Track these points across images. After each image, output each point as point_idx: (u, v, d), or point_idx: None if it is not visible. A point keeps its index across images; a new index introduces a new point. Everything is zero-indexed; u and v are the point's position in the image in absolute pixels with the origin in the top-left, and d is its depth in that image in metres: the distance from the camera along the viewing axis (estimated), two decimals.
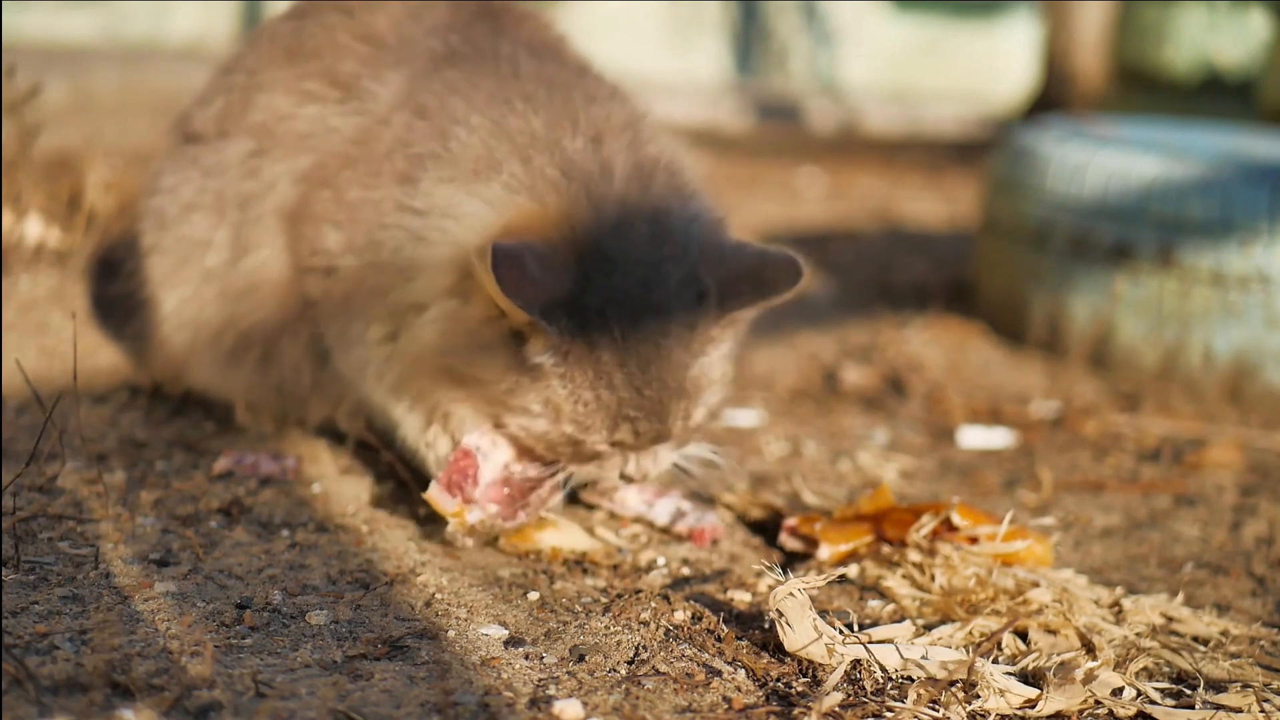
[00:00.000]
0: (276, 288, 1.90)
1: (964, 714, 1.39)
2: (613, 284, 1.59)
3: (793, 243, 1.94)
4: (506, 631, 1.50)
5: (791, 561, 1.80)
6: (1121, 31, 6.27)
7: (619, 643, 1.49)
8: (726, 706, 1.37)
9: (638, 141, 1.73)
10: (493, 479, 1.70)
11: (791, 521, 1.82)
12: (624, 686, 1.39)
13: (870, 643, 1.49)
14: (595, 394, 1.59)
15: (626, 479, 1.70)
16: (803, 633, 1.47)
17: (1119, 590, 1.70)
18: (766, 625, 1.53)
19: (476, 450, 1.70)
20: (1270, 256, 2.65)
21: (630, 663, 1.45)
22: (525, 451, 1.71)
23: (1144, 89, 6.00)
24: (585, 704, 1.34)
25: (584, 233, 1.61)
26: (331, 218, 1.81)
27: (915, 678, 1.46)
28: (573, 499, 1.87)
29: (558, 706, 1.32)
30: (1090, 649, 1.54)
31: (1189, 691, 1.48)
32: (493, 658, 1.44)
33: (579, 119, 1.73)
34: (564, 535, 1.75)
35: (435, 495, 1.68)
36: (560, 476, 1.71)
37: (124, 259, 2.19)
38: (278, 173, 1.89)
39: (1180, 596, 1.70)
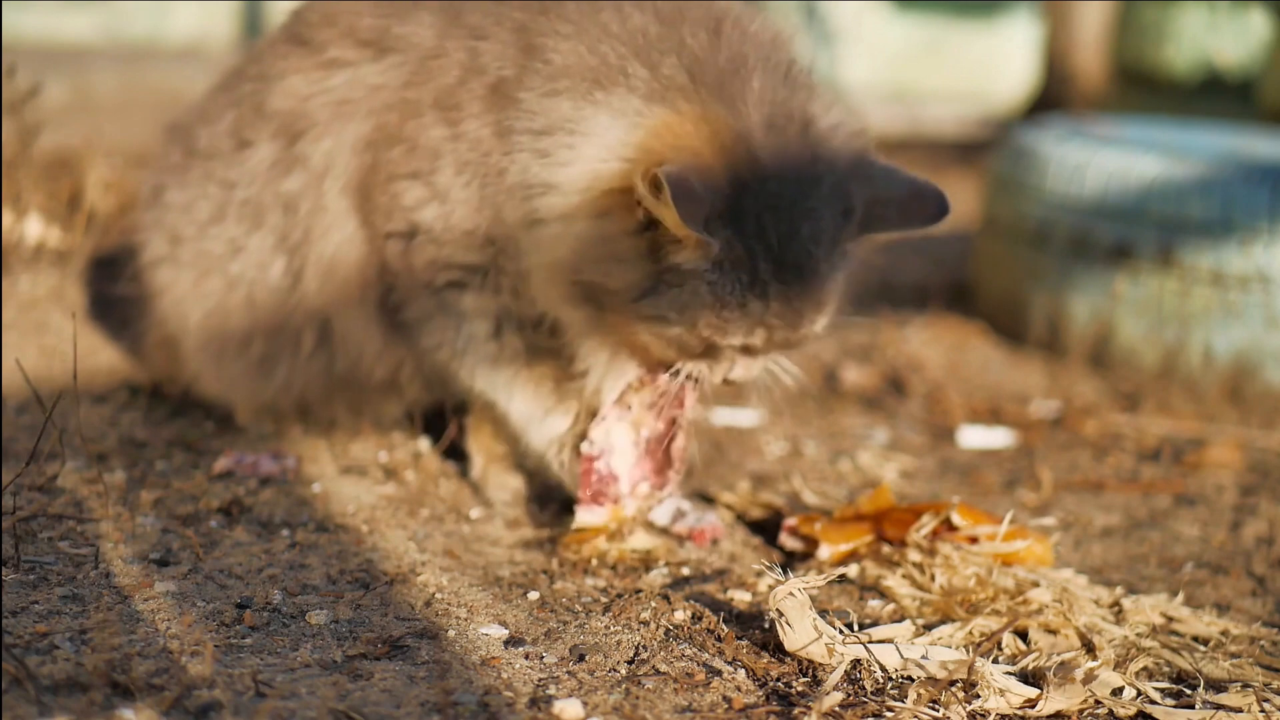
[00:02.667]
0: (353, 271, 1.84)
1: (964, 714, 1.39)
2: (767, 190, 1.56)
3: None
4: (506, 631, 1.50)
5: (791, 561, 1.80)
6: (1121, 31, 6.26)
7: (619, 642, 1.49)
8: (726, 706, 1.37)
9: (760, 32, 1.68)
10: (631, 463, 1.73)
11: (791, 521, 1.82)
12: (624, 686, 1.39)
13: (870, 642, 1.49)
14: (744, 301, 1.58)
15: (727, 382, 1.70)
16: (803, 632, 1.47)
17: (1119, 590, 1.70)
18: (766, 625, 1.53)
19: (599, 451, 1.73)
20: (1270, 256, 2.65)
21: (630, 662, 1.45)
22: (638, 354, 1.69)
23: (1144, 89, 5.99)
24: (585, 703, 1.34)
25: (731, 139, 1.56)
26: (408, 170, 1.74)
27: (915, 677, 1.46)
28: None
29: (558, 706, 1.32)
30: (1090, 649, 1.54)
31: (1189, 691, 1.48)
32: (493, 657, 1.44)
33: (687, 6, 1.67)
34: (596, 513, 1.74)
35: (585, 519, 1.73)
36: (677, 381, 1.70)
37: (122, 260, 2.18)
38: (329, 150, 1.82)
39: (1180, 596, 1.70)
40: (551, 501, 1.90)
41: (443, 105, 1.73)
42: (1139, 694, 1.46)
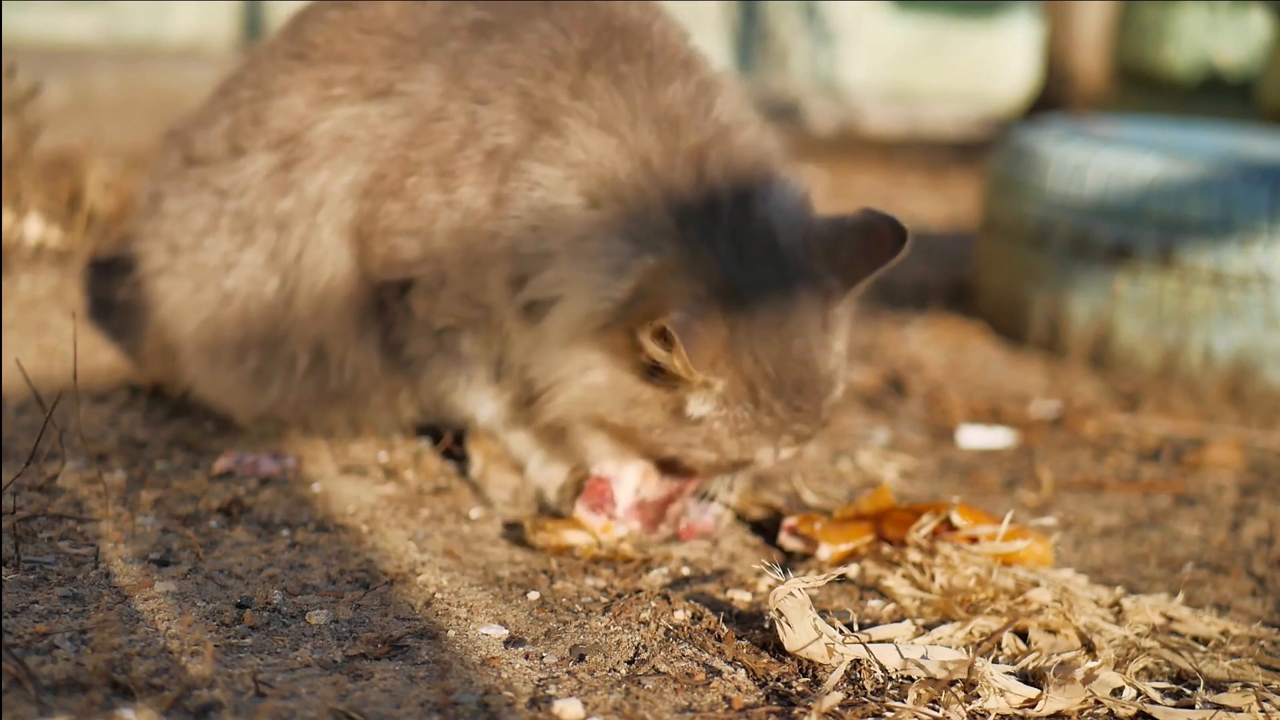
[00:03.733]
0: (344, 302, 1.85)
1: (964, 714, 1.39)
2: (753, 317, 1.62)
3: None
4: (506, 631, 1.50)
5: (791, 561, 1.80)
6: (1121, 31, 6.27)
7: (619, 642, 1.49)
8: (726, 706, 1.37)
9: (713, 130, 1.71)
10: (630, 503, 1.80)
11: (791, 521, 1.82)
12: (624, 686, 1.39)
13: (870, 642, 1.49)
14: (757, 424, 1.66)
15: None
16: (803, 632, 1.47)
17: (1119, 590, 1.70)
18: (766, 625, 1.53)
19: (610, 477, 1.78)
20: (1270, 256, 2.65)
21: (630, 662, 1.45)
22: (664, 467, 1.78)
23: (1144, 89, 5.99)
24: (585, 703, 1.34)
25: (707, 272, 1.62)
26: (405, 228, 1.77)
27: (915, 677, 1.46)
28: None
29: (558, 706, 1.32)
30: (1090, 649, 1.54)
31: (1189, 691, 1.48)
32: (493, 657, 1.44)
33: (644, 112, 1.69)
34: (584, 534, 1.76)
35: (583, 515, 1.76)
36: (692, 486, 1.81)
37: (122, 267, 2.18)
38: (323, 183, 1.82)
39: (1180, 596, 1.70)
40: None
41: (442, 171, 1.75)
42: (1139, 694, 1.46)
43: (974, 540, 1.73)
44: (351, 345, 1.88)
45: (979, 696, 1.42)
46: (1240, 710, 1.42)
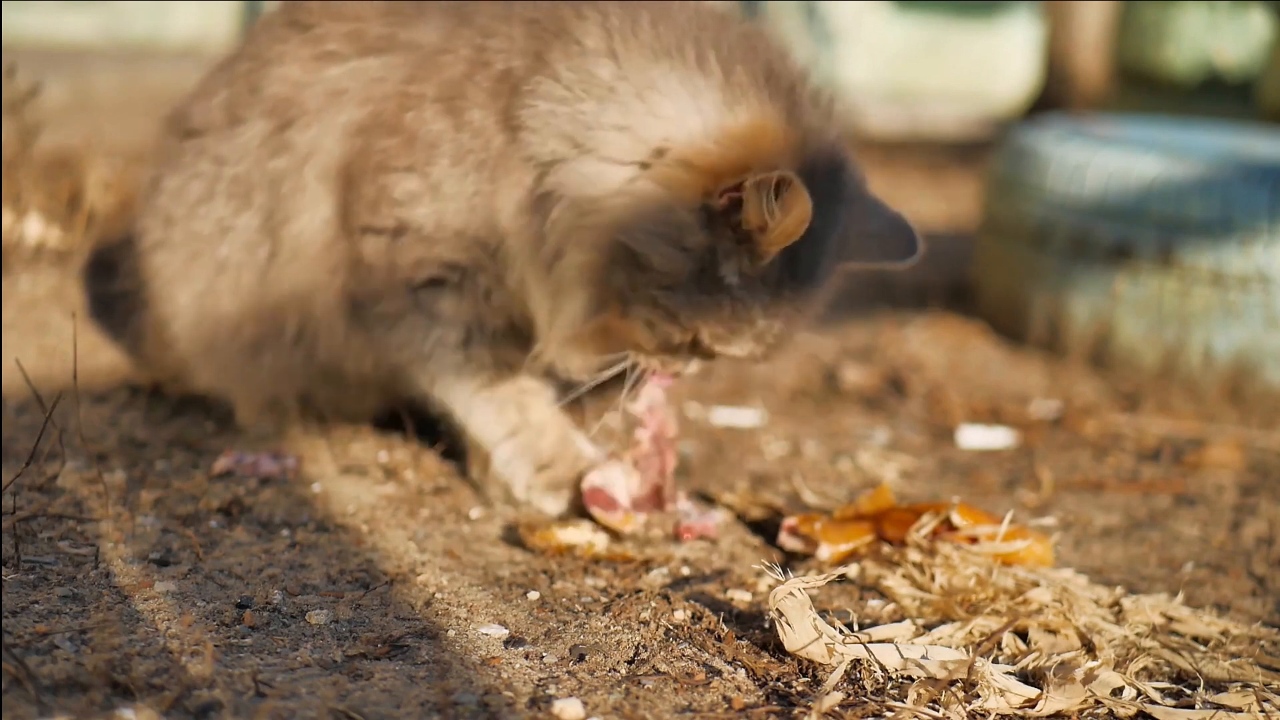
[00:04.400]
0: (319, 254, 1.83)
1: (964, 714, 1.39)
2: (812, 225, 1.56)
3: None
4: (506, 631, 1.50)
5: (791, 561, 1.80)
6: (1121, 31, 6.26)
7: (619, 642, 1.49)
8: (726, 706, 1.37)
9: (784, 49, 1.71)
10: (632, 496, 1.82)
11: (791, 521, 1.82)
12: (624, 686, 1.39)
13: (870, 642, 1.49)
14: (756, 320, 1.62)
15: (673, 374, 1.74)
16: (803, 632, 1.47)
17: (1119, 590, 1.70)
18: (766, 625, 1.53)
19: (602, 485, 1.80)
20: (1270, 256, 2.65)
21: (630, 662, 1.45)
22: (607, 341, 1.71)
23: (1144, 89, 5.98)
24: (585, 703, 1.34)
25: (794, 158, 1.58)
26: (402, 163, 1.73)
27: (915, 677, 1.46)
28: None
29: (558, 706, 1.32)
30: (1090, 649, 1.54)
31: (1189, 691, 1.48)
32: (493, 657, 1.44)
33: (725, 30, 1.67)
34: (583, 533, 1.76)
35: (601, 515, 1.79)
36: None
37: (122, 259, 2.18)
38: (315, 136, 1.81)
39: (1180, 596, 1.70)
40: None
41: (450, 95, 1.72)
42: (1139, 694, 1.46)
43: (974, 540, 1.73)
44: (318, 303, 1.87)
45: (979, 696, 1.42)
46: (1240, 710, 1.42)
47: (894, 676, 1.46)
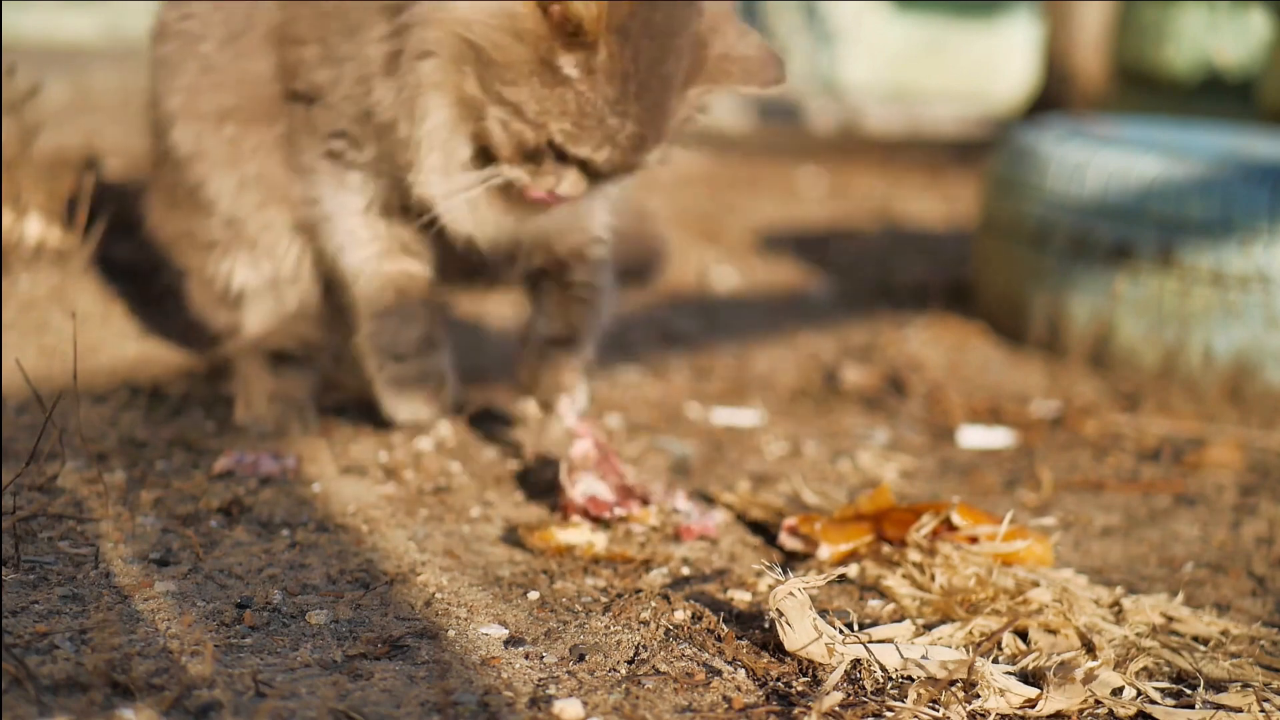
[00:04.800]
0: (262, 92, 1.93)
1: (964, 714, 1.39)
2: (652, 19, 1.67)
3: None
4: (506, 631, 1.51)
5: (791, 561, 1.80)
6: (1121, 31, 6.26)
7: (619, 642, 1.49)
8: (726, 706, 1.38)
9: None
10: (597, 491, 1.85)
11: (791, 521, 1.82)
12: (624, 686, 1.39)
13: (870, 642, 1.49)
14: (603, 116, 1.68)
15: (554, 197, 1.77)
16: (803, 632, 1.47)
17: (1119, 590, 1.70)
18: (766, 625, 1.53)
19: (594, 492, 1.83)
20: (1270, 256, 2.65)
21: (630, 662, 1.45)
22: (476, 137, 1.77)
23: (1144, 89, 5.98)
24: (585, 703, 1.34)
25: None
26: (312, 35, 1.85)
27: (915, 677, 1.46)
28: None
29: (558, 706, 1.32)
30: (1090, 649, 1.54)
31: (1189, 691, 1.48)
32: (493, 657, 1.44)
33: None
34: (582, 533, 1.77)
35: (621, 511, 1.82)
36: (493, 181, 1.79)
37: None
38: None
39: (1180, 596, 1.70)
40: (547, 497, 1.90)
41: None
42: (1139, 694, 1.46)
43: (974, 540, 1.73)
44: (266, 132, 1.96)
45: (979, 696, 1.42)
46: (1240, 710, 1.42)
47: (894, 676, 1.46)
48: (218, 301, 2.11)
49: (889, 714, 1.38)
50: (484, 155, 1.78)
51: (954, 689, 1.43)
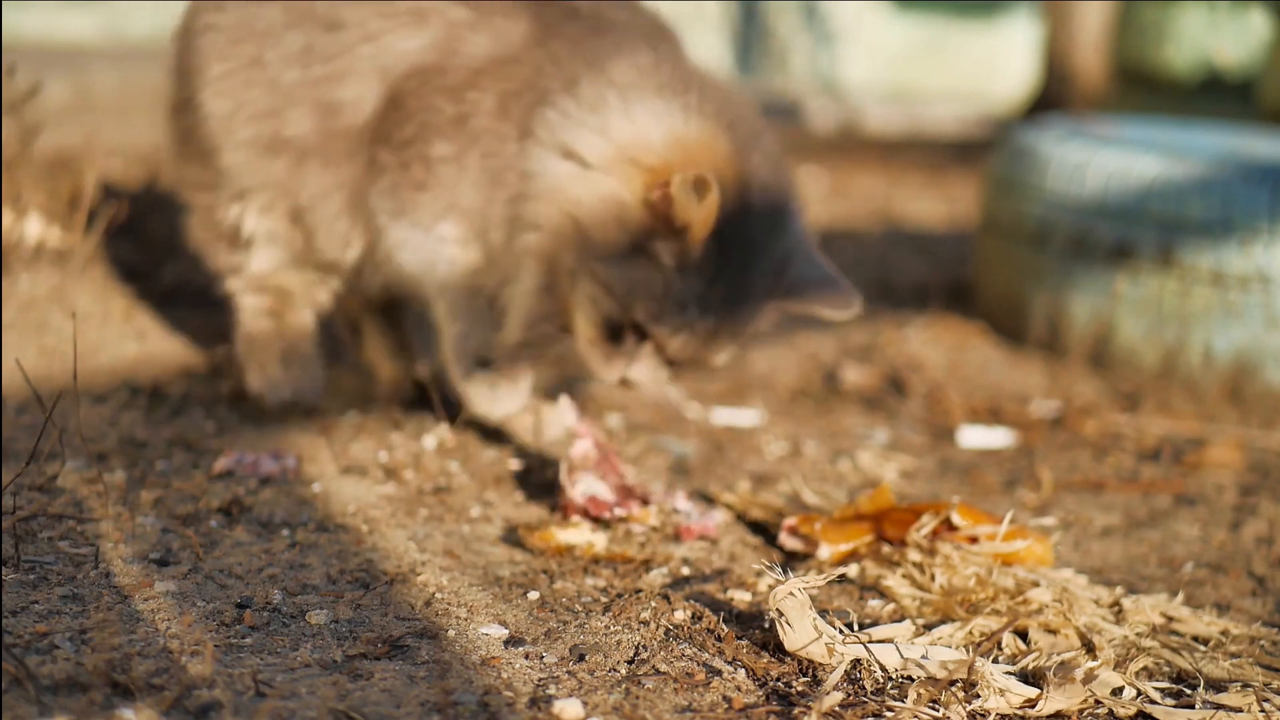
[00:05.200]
0: (349, 128, 1.98)
1: (964, 714, 1.39)
2: (743, 232, 1.83)
3: None
4: (506, 631, 1.51)
5: (791, 561, 1.80)
6: (1121, 31, 6.26)
7: (619, 642, 1.49)
8: (726, 706, 1.38)
9: (751, 111, 1.94)
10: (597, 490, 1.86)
11: (791, 521, 1.82)
12: (624, 686, 1.39)
13: (870, 642, 1.49)
14: (686, 306, 1.81)
15: (623, 383, 1.89)
16: (803, 632, 1.47)
17: (1119, 590, 1.70)
18: (766, 625, 1.53)
19: (594, 493, 1.85)
20: (1270, 256, 2.65)
21: (630, 662, 1.45)
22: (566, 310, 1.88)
23: (1144, 89, 5.98)
24: (585, 703, 1.34)
25: (745, 181, 1.84)
26: (447, 133, 1.92)
27: (915, 677, 1.46)
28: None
29: (558, 706, 1.32)
30: (1090, 649, 1.54)
31: (1189, 691, 1.48)
32: (493, 657, 1.44)
33: (711, 83, 1.94)
34: (582, 533, 1.77)
35: (620, 512, 1.83)
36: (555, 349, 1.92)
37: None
38: (388, 38, 1.96)
39: (1180, 596, 1.70)
40: (547, 497, 1.90)
41: (505, 93, 1.92)
42: (1139, 694, 1.46)
43: (974, 540, 1.73)
44: (341, 168, 2.01)
45: (979, 696, 1.42)
46: (1240, 710, 1.42)
47: (894, 676, 1.46)
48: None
49: (889, 714, 1.38)
50: (557, 318, 1.89)
51: (954, 689, 1.43)
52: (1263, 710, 1.43)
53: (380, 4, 1.98)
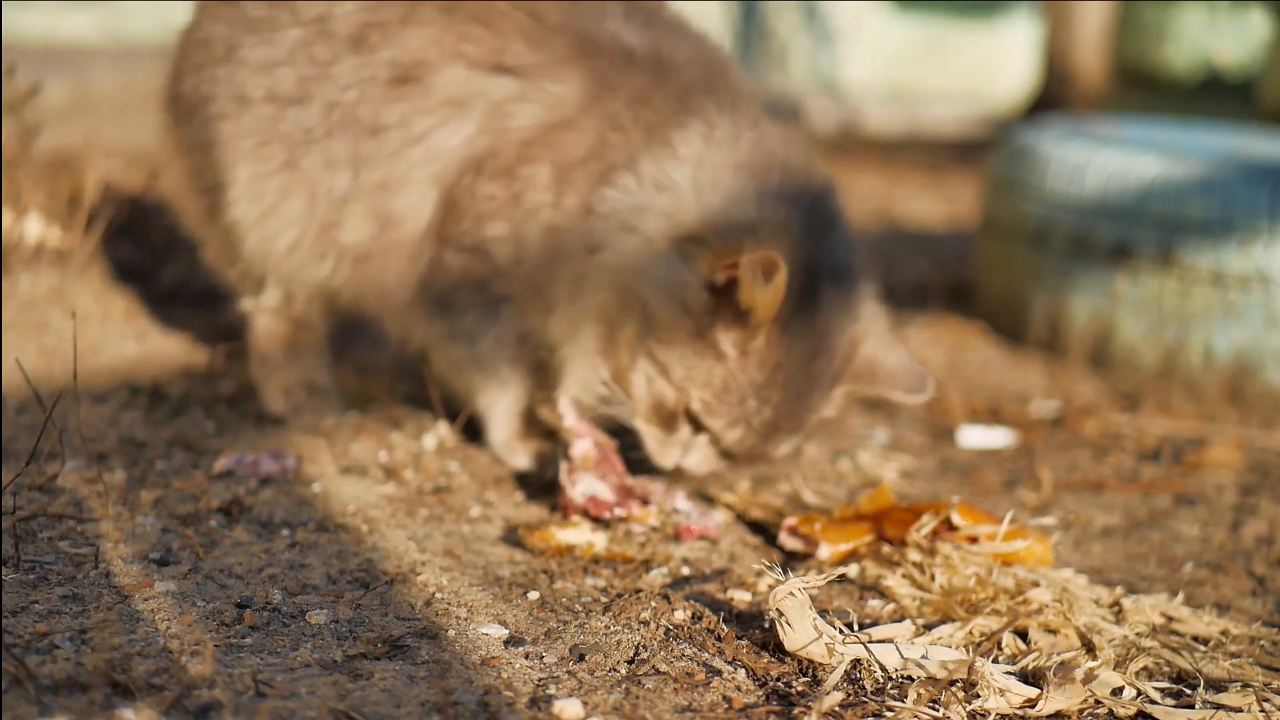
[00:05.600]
0: (407, 234, 1.93)
1: (964, 714, 1.39)
2: (811, 319, 1.77)
3: None
4: (506, 631, 1.50)
5: (791, 561, 1.80)
6: (1121, 31, 6.26)
7: (619, 642, 1.49)
8: (726, 706, 1.38)
9: (832, 184, 1.88)
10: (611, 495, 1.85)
11: (791, 521, 1.82)
12: (624, 686, 1.39)
13: (870, 642, 1.49)
14: (745, 396, 1.76)
15: (675, 470, 1.86)
16: (803, 632, 1.47)
17: (1119, 590, 1.70)
18: (766, 625, 1.53)
19: (594, 492, 1.84)
20: (1270, 256, 2.65)
21: (630, 662, 1.45)
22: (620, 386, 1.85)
23: (1144, 89, 5.98)
24: (585, 703, 1.34)
25: (804, 265, 1.75)
26: (503, 215, 1.87)
27: (915, 677, 1.46)
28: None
29: (558, 706, 1.32)
30: (1090, 649, 1.54)
31: (1189, 691, 1.48)
32: (493, 657, 1.44)
33: (789, 144, 1.88)
34: (582, 533, 1.77)
35: (621, 512, 1.82)
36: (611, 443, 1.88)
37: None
38: (434, 137, 1.89)
39: (1180, 596, 1.70)
40: (547, 497, 1.90)
41: (560, 176, 1.86)
42: (1139, 694, 1.46)
43: (974, 540, 1.73)
44: (399, 268, 1.97)
45: (979, 696, 1.42)
46: (1240, 710, 1.42)
47: (894, 676, 1.46)
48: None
49: (889, 714, 1.38)
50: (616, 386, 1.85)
51: (954, 689, 1.43)
52: (1263, 710, 1.43)
53: (418, 100, 1.90)
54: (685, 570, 1.74)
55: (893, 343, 1.88)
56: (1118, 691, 1.46)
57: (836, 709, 1.37)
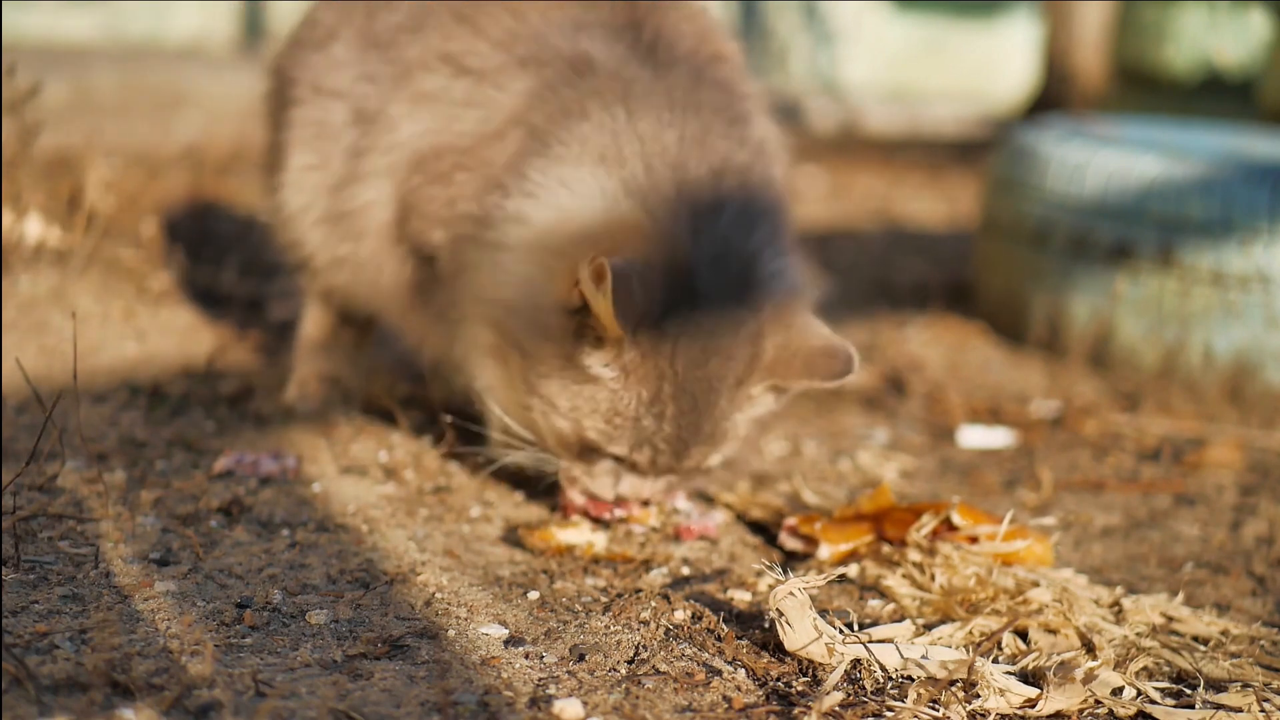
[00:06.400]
0: (383, 229, 1.92)
1: (964, 713, 1.39)
2: (692, 319, 1.62)
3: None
4: (507, 631, 1.50)
5: (791, 561, 1.80)
6: (1121, 31, 6.26)
7: (619, 642, 1.49)
8: (726, 706, 1.37)
9: (754, 182, 1.74)
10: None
11: (791, 521, 1.82)
12: (624, 686, 1.39)
13: (870, 642, 1.49)
14: (638, 415, 1.64)
15: (617, 498, 1.75)
16: (803, 632, 1.47)
17: (1119, 590, 1.70)
18: (766, 625, 1.53)
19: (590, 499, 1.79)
20: (1270, 256, 2.65)
21: (630, 662, 1.45)
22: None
23: (1144, 89, 5.98)
24: (585, 703, 1.34)
25: (681, 261, 1.63)
26: (440, 219, 1.82)
27: (915, 677, 1.46)
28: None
29: (558, 706, 1.32)
30: (1090, 648, 1.54)
31: (1189, 691, 1.48)
32: (493, 657, 1.44)
33: (707, 147, 1.73)
34: (582, 533, 1.77)
35: (621, 513, 1.79)
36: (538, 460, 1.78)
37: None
38: (401, 129, 1.87)
39: (1180, 596, 1.70)
40: (547, 497, 1.90)
41: (482, 181, 1.80)
42: (1139, 694, 1.46)
43: (974, 540, 1.73)
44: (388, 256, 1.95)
45: (979, 696, 1.42)
46: (1240, 710, 1.42)
47: (894, 676, 1.46)
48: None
49: (889, 714, 1.38)
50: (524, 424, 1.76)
51: (954, 689, 1.43)
52: (1263, 710, 1.43)
53: (412, 90, 1.89)
54: (685, 570, 1.74)
55: (808, 322, 1.71)
56: (1118, 691, 1.46)
57: (836, 709, 1.37)
